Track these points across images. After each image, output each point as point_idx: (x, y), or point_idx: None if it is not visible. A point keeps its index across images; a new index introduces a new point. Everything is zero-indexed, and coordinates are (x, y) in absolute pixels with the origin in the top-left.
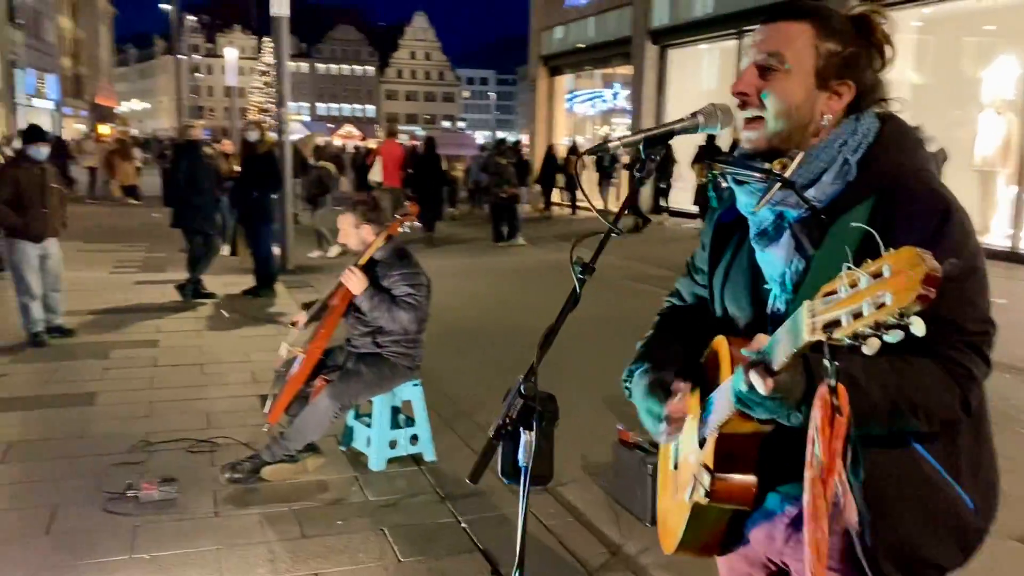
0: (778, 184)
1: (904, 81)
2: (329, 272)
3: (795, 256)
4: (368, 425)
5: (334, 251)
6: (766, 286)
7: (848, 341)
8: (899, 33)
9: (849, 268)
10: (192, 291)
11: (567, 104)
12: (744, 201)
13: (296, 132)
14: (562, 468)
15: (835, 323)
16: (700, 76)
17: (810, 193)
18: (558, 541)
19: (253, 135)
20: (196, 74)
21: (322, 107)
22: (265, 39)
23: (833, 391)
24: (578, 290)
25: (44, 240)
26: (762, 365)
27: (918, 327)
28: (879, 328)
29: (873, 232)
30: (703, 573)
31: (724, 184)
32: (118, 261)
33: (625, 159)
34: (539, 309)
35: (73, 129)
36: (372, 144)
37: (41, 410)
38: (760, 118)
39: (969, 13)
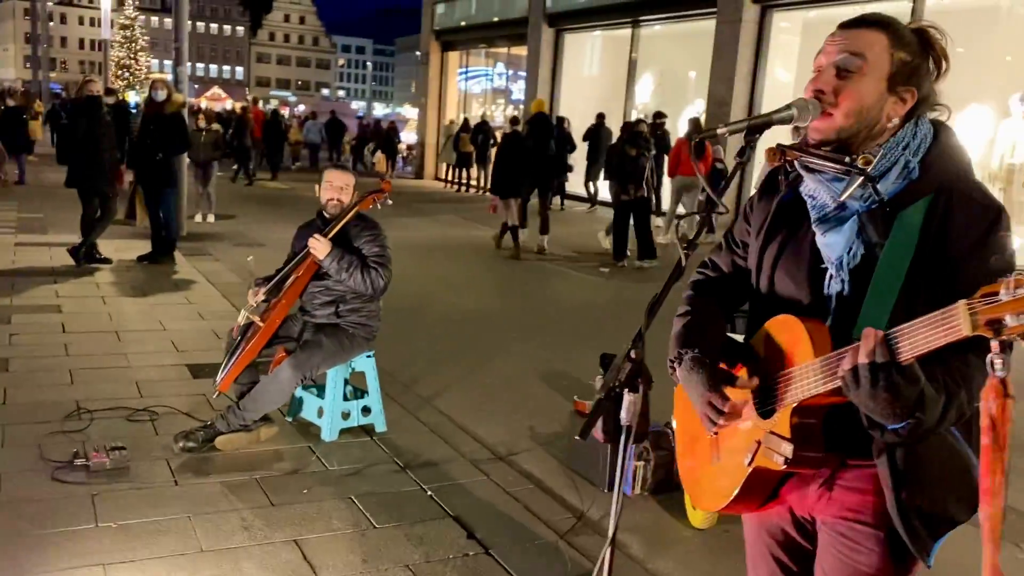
0: (861, 178)
1: None
2: (223, 241)
3: (855, 242)
4: (317, 395)
5: (212, 219)
6: (823, 266)
7: (1010, 338)
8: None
9: (1019, 275)
10: (86, 255)
11: (458, 80)
12: (813, 187)
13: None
14: (515, 439)
15: (998, 321)
16: (593, 62)
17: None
18: (524, 507)
19: (160, 94)
20: (50, 23)
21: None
22: None
23: (1003, 381)
24: (683, 263)
25: None
26: (887, 350)
27: None
28: None
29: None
30: (664, 535)
31: (791, 170)
32: None
33: None
34: (457, 287)
35: None
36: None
37: None
38: (831, 114)
39: None
